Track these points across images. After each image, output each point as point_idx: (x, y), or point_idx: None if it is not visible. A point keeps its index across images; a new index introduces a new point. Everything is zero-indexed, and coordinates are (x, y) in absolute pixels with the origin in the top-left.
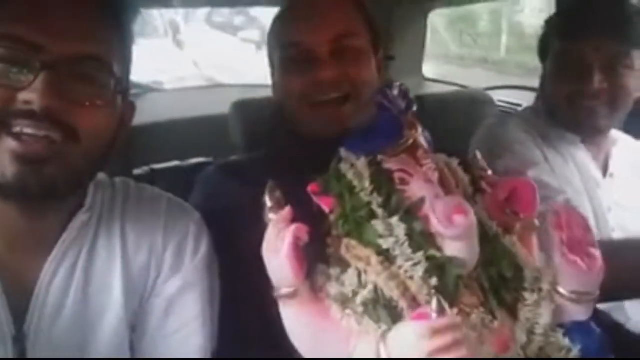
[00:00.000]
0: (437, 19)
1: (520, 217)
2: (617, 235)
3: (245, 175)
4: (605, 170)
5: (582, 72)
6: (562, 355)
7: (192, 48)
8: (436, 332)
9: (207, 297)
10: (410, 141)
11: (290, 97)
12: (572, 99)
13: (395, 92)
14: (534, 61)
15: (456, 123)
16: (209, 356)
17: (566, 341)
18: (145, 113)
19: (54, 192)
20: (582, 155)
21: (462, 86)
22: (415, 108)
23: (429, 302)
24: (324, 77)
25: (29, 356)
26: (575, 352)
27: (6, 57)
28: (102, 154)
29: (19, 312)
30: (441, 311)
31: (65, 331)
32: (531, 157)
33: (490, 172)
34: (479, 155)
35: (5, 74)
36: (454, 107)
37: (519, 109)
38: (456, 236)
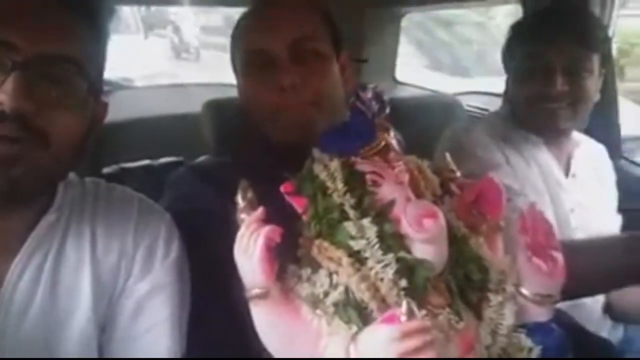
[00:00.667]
0: (411, 24)
1: (486, 218)
2: (579, 235)
3: (217, 177)
4: (567, 171)
5: (545, 75)
6: (523, 355)
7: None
8: (406, 334)
9: (177, 299)
10: (382, 143)
11: (254, 102)
12: (534, 102)
13: (369, 94)
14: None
15: (426, 127)
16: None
17: (528, 341)
18: (116, 111)
19: (22, 193)
20: (544, 156)
21: (432, 91)
22: (388, 110)
23: (398, 304)
24: (286, 83)
25: None
26: (536, 351)
27: None
28: (73, 155)
29: None
30: (410, 314)
31: (32, 332)
32: (492, 159)
33: (459, 174)
34: (448, 157)
35: None
36: (425, 111)
37: (487, 113)
38: (426, 240)
